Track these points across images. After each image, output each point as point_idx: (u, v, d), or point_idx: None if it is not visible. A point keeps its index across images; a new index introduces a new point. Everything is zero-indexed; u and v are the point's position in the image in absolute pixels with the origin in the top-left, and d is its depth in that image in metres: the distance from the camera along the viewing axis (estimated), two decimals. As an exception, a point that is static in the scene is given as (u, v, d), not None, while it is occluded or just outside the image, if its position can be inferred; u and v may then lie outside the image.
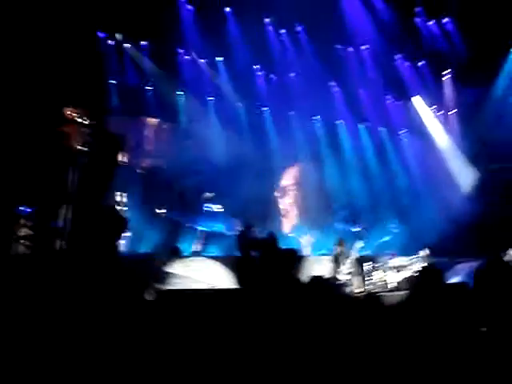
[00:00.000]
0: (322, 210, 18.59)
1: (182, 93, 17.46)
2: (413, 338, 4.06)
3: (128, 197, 14.07)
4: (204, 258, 13.58)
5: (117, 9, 14.35)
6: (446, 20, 17.41)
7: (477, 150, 17.29)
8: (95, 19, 14.68)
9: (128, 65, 16.62)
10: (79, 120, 10.03)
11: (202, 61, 17.55)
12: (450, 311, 4.02)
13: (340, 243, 13.07)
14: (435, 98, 19.04)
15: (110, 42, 16.16)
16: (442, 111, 19.49)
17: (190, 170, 16.21)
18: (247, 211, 15.39)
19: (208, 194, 15.95)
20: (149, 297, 8.92)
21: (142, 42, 16.57)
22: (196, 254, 14.28)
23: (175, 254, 13.54)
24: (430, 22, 17.53)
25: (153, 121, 17.38)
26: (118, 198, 13.91)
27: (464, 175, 18.36)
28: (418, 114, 19.44)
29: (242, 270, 8.08)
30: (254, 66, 17.92)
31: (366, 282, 13.58)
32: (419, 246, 15.50)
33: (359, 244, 13.35)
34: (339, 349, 4.21)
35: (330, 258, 13.10)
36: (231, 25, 16.60)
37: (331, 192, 18.43)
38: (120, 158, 14.47)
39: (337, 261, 12.73)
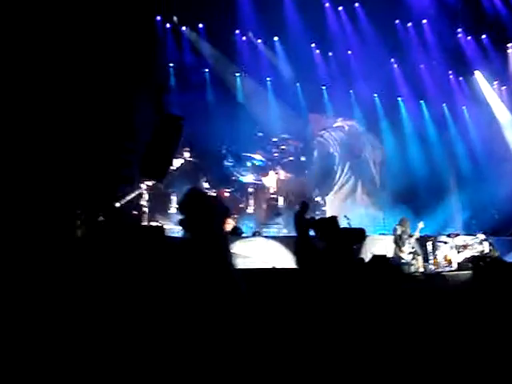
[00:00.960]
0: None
1: (239, 74, 17.48)
2: (476, 319, 4.02)
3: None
4: (264, 237, 13.64)
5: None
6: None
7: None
8: (152, 3, 14.82)
9: (186, 47, 16.72)
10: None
11: (259, 41, 17.52)
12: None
13: (402, 223, 12.94)
14: (499, 72, 18.49)
15: (167, 25, 16.28)
16: (505, 86, 18.93)
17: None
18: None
19: None
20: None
21: (199, 25, 16.64)
22: (256, 233, 14.35)
23: (235, 234, 13.68)
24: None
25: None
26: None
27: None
28: (479, 89, 18.97)
29: (301, 251, 8.09)
30: (312, 45, 17.77)
31: (430, 262, 13.43)
32: (480, 224, 15.21)
33: (421, 224, 13.18)
34: (404, 328, 4.20)
35: (392, 237, 12.99)
36: (287, 3, 16.47)
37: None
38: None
39: (400, 240, 12.62)
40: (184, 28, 16.67)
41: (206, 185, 14.61)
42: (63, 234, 7.70)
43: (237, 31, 17.04)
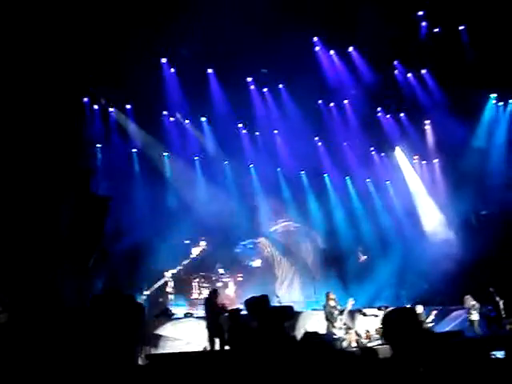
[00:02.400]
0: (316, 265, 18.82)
1: (167, 153, 17.61)
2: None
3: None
4: (195, 318, 13.38)
5: (100, 74, 14.51)
6: (423, 71, 17.78)
7: (464, 196, 17.41)
8: (79, 85, 14.80)
9: (113, 128, 16.71)
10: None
11: (187, 121, 17.75)
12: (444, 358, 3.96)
13: (328, 298, 12.93)
14: (418, 147, 19.34)
15: (95, 106, 16.27)
16: (425, 161, 19.80)
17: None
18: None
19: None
20: (141, 361, 8.75)
21: (127, 106, 16.73)
22: (188, 315, 14.06)
23: (165, 316, 13.36)
24: (409, 74, 17.90)
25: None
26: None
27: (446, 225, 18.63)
28: (399, 164, 19.80)
29: (232, 331, 7.98)
30: (239, 125, 18.17)
31: (362, 336, 13.44)
32: (409, 295, 15.49)
33: (351, 301, 13.21)
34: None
35: (323, 313, 12.96)
36: (214, 85, 16.83)
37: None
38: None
39: (331, 316, 12.59)
40: (112, 109, 16.72)
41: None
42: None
43: (164, 112, 17.22)
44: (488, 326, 14.61)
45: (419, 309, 13.48)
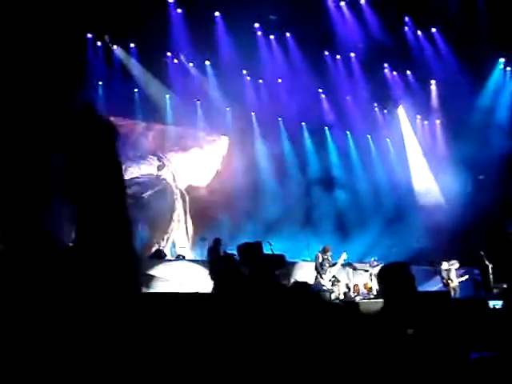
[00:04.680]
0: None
1: (169, 95, 17.46)
2: (387, 346, 4.07)
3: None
4: (187, 261, 13.55)
5: (106, 10, 14.25)
6: (433, 30, 17.54)
7: (463, 159, 17.39)
8: (84, 20, 14.55)
9: (116, 67, 16.52)
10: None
11: (191, 64, 17.54)
12: (429, 319, 4.02)
13: (324, 251, 13.05)
14: (422, 107, 19.24)
15: (98, 43, 16.04)
16: (427, 121, 19.71)
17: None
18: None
19: None
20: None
21: (131, 45, 16.50)
22: (179, 257, 14.22)
23: (158, 257, 13.53)
24: (418, 32, 17.65)
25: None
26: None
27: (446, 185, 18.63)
28: (401, 123, 19.72)
29: (224, 275, 8.07)
30: (243, 71, 17.97)
31: (351, 289, 13.63)
32: (400, 253, 15.65)
33: (344, 255, 13.34)
34: (315, 355, 4.21)
35: (314, 264, 13.11)
36: (220, 29, 16.58)
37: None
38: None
39: (321, 268, 12.73)
40: (115, 47, 16.49)
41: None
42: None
43: (168, 53, 17.00)
44: (475, 290, 14.79)
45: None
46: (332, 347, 4.13)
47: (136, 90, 16.90)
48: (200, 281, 12.24)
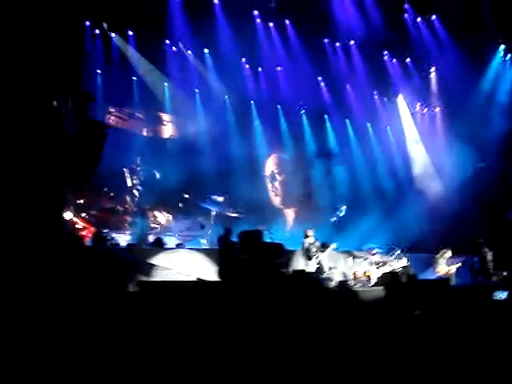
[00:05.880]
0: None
1: (167, 84, 17.40)
2: (383, 333, 4.09)
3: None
4: (187, 249, 13.54)
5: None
6: (433, 17, 17.46)
7: (463, 146, 17.35)
8: (82, 7, 14.45)
9: (114, 55, 16.45)
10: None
11: (189, 52, 17.45)
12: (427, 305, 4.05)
13: (307, 234, 13.10)
14: (422, 94, 19.18)
15: (96, 31, 15.95)
16: (427, 108, 19.64)
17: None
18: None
19: None
20: (132, 288, 8.90)
21: (129, 32, 16.41)
22: (179, 245, 14.22)
23: (158, 245, 13.52)
24: (418, 19, 17.56)
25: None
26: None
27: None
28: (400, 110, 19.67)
29: (225, 263, 8.09)
30: (242, 60, 17.88)
31: (350, 277, 13.64)
32: (400, 240, 15.64)
33: (333, 245, 13.38)
34: (316, 341, 4.24)
35: (300, 250, 13.17)
36: (219, 16, 16.49)
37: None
38: None
39: (308, 253, 12.81)
40: (113, 35, 16.41)
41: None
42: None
43: (167, 41, 16.91)
44: (473, 278, 14.75)
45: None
46: (333, 331, 4.16)
47: (134, 78, 16.83)
48: (200, 269, 12.31)
